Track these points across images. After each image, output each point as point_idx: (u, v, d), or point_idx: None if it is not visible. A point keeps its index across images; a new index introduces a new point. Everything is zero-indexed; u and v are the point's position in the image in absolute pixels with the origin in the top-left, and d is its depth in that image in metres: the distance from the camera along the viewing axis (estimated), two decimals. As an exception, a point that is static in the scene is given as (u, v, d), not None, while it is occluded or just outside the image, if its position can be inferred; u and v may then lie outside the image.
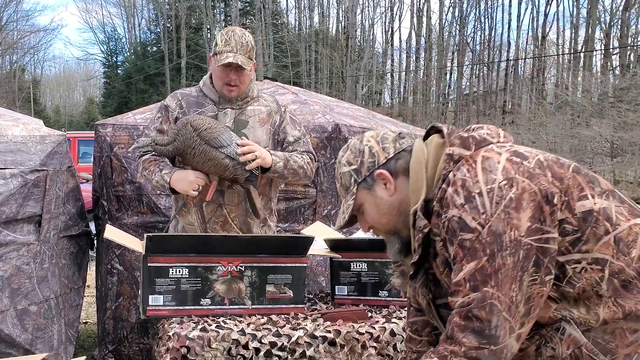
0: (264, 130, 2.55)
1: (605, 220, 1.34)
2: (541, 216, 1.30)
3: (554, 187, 1.32)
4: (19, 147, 2.73)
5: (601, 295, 1.33)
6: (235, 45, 2.43)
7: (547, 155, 1.41)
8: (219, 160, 2.35)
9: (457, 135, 1.43)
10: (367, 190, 1.49)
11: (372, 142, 1.51)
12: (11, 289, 2.72)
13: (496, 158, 1.35)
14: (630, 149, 18.57)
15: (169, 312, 2.19)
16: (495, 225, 1.28)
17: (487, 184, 1.31)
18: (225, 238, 2.34)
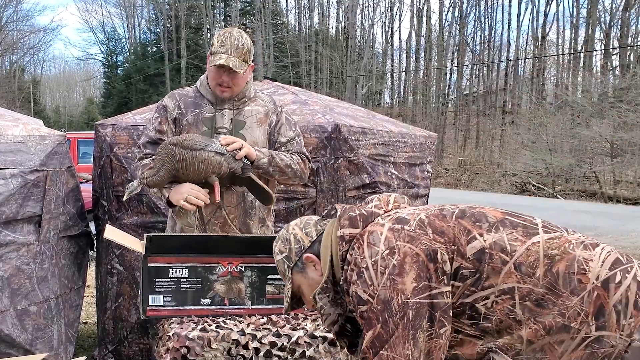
0: (261, 130, 2.55)
1: (500, 252, 1.41)
2: (427, 274, 1.40)
3: (436, 244, 1.43)
4: (18, 147, 2.73)
5: (519, 320, 1.40)
6: (230, 47, 2.42)
7: (430, 211, 1.51)
8: (211, 158, 2.34)
9: (347, 216, 1.56)
10: (300, 274, 1.64)
11: (296, 230, 1.66)
12: (11, 289, 2.72)
13: (379, 230, 1.48)
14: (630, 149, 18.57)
15: (169, 312, 2.19)
16: (383, 294, 1.40)
17: (372, 257, 1.44)
18: (225, 238, 2.34)
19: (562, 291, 1.39)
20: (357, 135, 3.29)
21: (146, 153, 2.52)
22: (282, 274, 1.68)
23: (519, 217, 1.51)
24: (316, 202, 3.19)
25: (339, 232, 1.54)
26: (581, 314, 1.38)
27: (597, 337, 1.38)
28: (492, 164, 24.53)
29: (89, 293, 4.58)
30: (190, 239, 2.32)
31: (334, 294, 1.59)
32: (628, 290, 1.39)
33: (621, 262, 1.44)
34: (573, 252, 1.43)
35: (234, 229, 2.51)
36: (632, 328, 1.38)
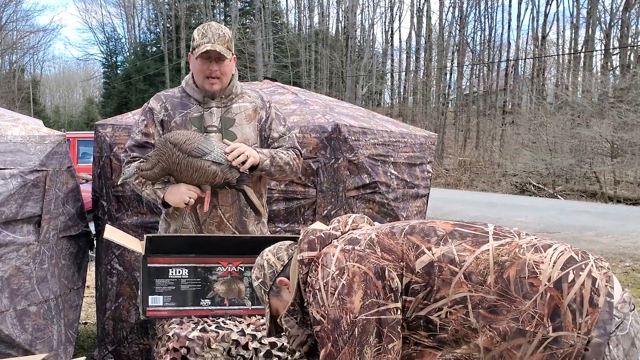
0: (251, 127, 2.54)
1: (449, 264, 1.45)
2: (375, 291, 1.45)
3: (384, 262, 1.48)
4: (18, 148, 2.73)
5: (475, 329, 1.42)
6: (212, 37, 2.42)
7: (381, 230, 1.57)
8: (206, 168, 2.33)
9: (306, 240, 1.62)
10: (276, 297, 1.70)
11: (269, 255, 1.73)
12: (11, 289, 2.71)
13: (332, 252, 1.54)
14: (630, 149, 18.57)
15: (169, 313, 2.19)
16: (333, 314, 1.46)
17: (324, 278, 1.50)
18: (225, 239, 2.34)
19: (515, 296, 1.41)
20: (357, 135, 3.28)
21: (134, 156, 2.49)
22: (261, 299, 1.74)
23: (470, 227, 1.54)
24: (316, 202, 3.18)
25: (298, 257, 1.60)
26: (535, 317, 1.39)
27: (555, 338, 1.39)
28: (492, 164, 24.53)
29: (89, 293, 4.58)
30: (190, 239, 2.32)
31: (302, 316, 1.64)
32: (582, 288, 1.40)
33: (575, 260, 1.45)
34: (523, 257, 1.44)
35: (230, 228, 2.50)
36: (589, 325, 1.39)
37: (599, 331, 1.38)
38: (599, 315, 1.39)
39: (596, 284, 1.42)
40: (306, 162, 3.15)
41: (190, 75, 2.57)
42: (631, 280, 6.58)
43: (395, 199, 3.49)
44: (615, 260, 7.78)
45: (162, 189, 2.42)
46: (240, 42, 33.38)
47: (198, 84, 2.51)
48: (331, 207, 3.21)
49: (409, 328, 1.48)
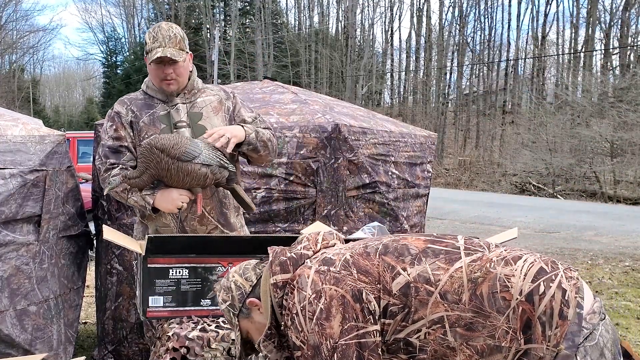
0: (219, 117, 2.53)
1: (425, 284, 1.43)
2: (353, 315, 1.43)
3: (361, 284, 1.46)
4: (18, 147, 2.73)
5: (453, 347, 1.41)
6: (163, 40, 2.40)
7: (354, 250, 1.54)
8: (197, 171, 2.31)
9: (278, 261, 1.58)
10: (247, 319, 1.66)
11: (236, 277, 1.69)
12: (10, 289, 2.71)
13: (306, 273, 1.51)
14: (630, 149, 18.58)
15: (169, 313, 2.18)
16: (312, 339, 1.44)
17: (301, 302, 1.48)
18: (225, 238, 2.33)
19: (489, 311, 1.40)
20: (357, 135, 3.28)
21: (111, 163, 2.45)
22: (230, 323, 1.70)
23: (441, 242, 1.52)
24: (316, 202, 3.18)
25: (271, 280, 1.57)
26: (509, 331, 1.39)
27: (525, 350, 1.39)
28: (492, 163, 24.53)
29: (89, 293, 4.58)
30: (190, 239, 2.32)
31: (279, 338, 1.61)
32: (552, 300, 1.40)
33: (545, 271, 1.44)
34: (494, 271, 1.43)
35: (212, 222, 2.49)
36: (558, 338, 1.38)
37: (567, 343, 1.38)
38: (567, 328, 1.39)
39: (566, 295, 1.41)
40: (306, 162, 3.15)
41: (149, 78, 2.56)
42: (631, 280, 6.58)
43: (395, 199, 3.49)
44: (615, 260, 7.78)
45: (151, 194, 2.38)
46: (240, 42, 33.40)
47: (156, 86, 2.50)
48: (331, 206, 3.20)
49: (389, 351, 1.47)
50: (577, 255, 8.18)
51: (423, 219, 3.91)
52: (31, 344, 2.79)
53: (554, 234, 9.93)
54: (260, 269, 1.68)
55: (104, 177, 2.46)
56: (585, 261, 7.70)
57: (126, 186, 2.39)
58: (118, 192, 2.44)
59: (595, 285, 6.35)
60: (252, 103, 3.39)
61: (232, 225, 2.54)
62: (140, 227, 2.57)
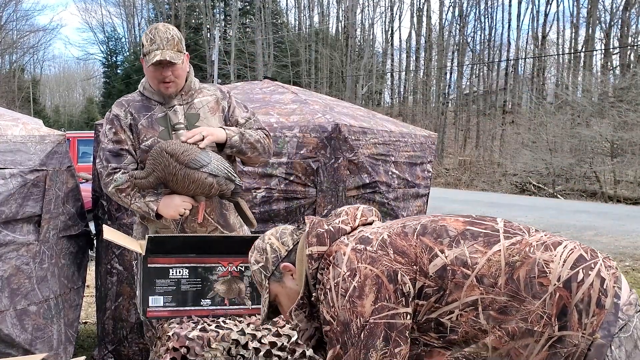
0: (216, 118, 2.53)
1: (462, 267, 1.43)
2: (385, 295, 1.43)
3: (397, 265, 1.45)
4: (18, 147, 2.73)
5: (485, 330, 1.42)
6: (161, 42, 2.38)
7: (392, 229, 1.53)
8: (203, 180, 2.32)
9: (315, 233, 1.58)
10: (278, 283, 1.66)
11: (272, 239, 1.68)
12: (10, 289, 2.71)
13: (343, 250, 1.50)
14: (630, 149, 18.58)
15: (169, 313, 2.19)
16: (342, 316, 1.44)
17: (335, 278, 1.47)
18: (225, 238, 2.34)
19: (524, 296, 1.40)
20: (357, 135, 3.28)
21: (113, 168, 2.44)
22: (259, 284, 1.69)
23: (480, 224, 1.52)
24: (316, 202, 3.18)
25: (307, 251, 1.57)
26: (544, 316, 1.39)
27: (560, 337, 1.39)
28: (492, 163, 24.54)
29: (89, 293, 4.58)
30: (190, 239, 2.32)
31: (310, 308, 1.61)
32: (591, 288, 1.39)
33: (584, 259, 1.44)
34: (533, 256, 1.43)
35: (212, 223, 2.49)
36: (595, 326, 1.38)
37: (603, 332, 1.38)
38: (604, 317, 1.39)
39: (604, 284, 1.41)
40: (306, 162, 3.15)
41: (146, 79, 2.54)
42: (631, 280, 6.58)
43: (395, 199, 3.49)
44: (615, 260, 7.79)
45: (155, 201, 2.39)
46: (240, 42, 33.40)
47: (154, 88, 2.49)
48: (331, 206, 3.20)
49: (420, 330, 1.48)
50: (577, 255, 8.16)
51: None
52: (31, 344, 2.79)
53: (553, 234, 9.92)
54: (298, 235, 1.67)
55: (106, 182, 2.46)
56: (585, 261, 7.69)
57: (131, 184, 2.39)
58: (121, 197, 2.44)
59: (595, 285, 6.35)
60: (252, 103, 3.39)
61: (232, 226, 2.54)
62: (140, 228, 2.57)
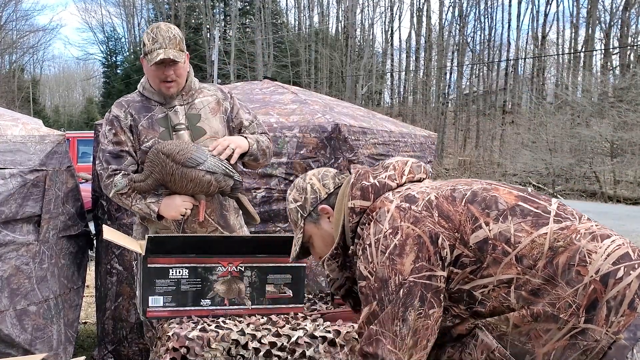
0: (217, 119, 2.52)
1: (504, 243, 1.40)
2: (426, 255, 1.41)
3: (439, 228, 1.42)
4: (18, 147, 2.73)
5: (513, 308, 1.40)
6: (163, 41, 2.38)
7: (440, 191, 1.49)
8: (201, 178, 2.32)
9: (359, 186, 1.55)
10: (313, 224, 1.64)
11: (313, 180, 1.65)
12: (10, 289, 2.71)
13: (386, 207, 1.47)
14: (630, 149, 18.59)
15: (169, 314, 2.18)
16: (381, 272, 1.42)
17: (376, 234, 1.45)
18: (225, 238, 2.33)
19: (559, 282, 1.38)
20: (357, 135, 3.28)
21: (113, 170, 2.43)
22: (294, 223, 1.66)
23: (533, 202, 1.47)
24: (316, 202, 3.18)
25: (349, 204, 1.53)
26: (572, 306, 1.36)
27: (583, 329, 1.36)
28: (492, 163, 24.55)
29: (89, 293, 4.58)
30: (190, 239, 2.32)
31: (343, 258, 1.58)
32: (627, 288, 1.36)
33: (629, 257, 1.40)
34: (578, 243, 1.39)
35: (212, 223, 2.49)
36: (621, 326, 1.35)
37: (628, 334, 1.35)
38: (633, 319, 1.35)
39: None
40: (306, 162, 3.15)
41: (146, 79, 2.53)
42: (631, 280, 6.57)
43: (395, 199, 3.49)
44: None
45: (156, 202, 2.39)
46: (240, 42, 33.41)
47: (155, 88, 2.48)
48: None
49: (450, 299, 1.45)
50: (577, 255, 8.17)
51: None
52: (31, 344, 2.79)
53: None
54: (340, 179, 1.65)
55: (106, 184, 2.46)
56: (585, 261, 7.70)
57: (131, 188, 2.39)
58: (122, 199, 2.44)
59: (595, 285, 6.35)
60: (252, 103, 3.39)
61: (232, 227, 2.54)
62: (140, 229, 2.57)
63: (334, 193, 1.62)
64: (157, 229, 2.49)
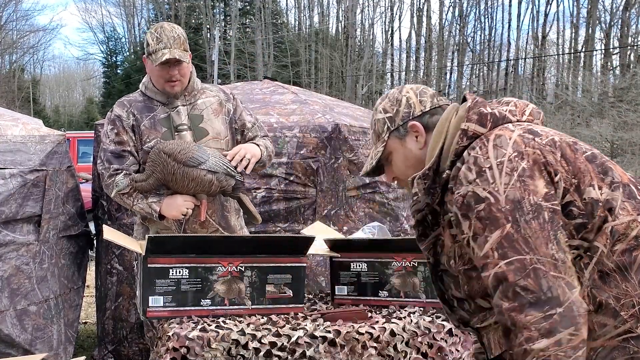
0: (220, 120, 2.52)
1: (607, 211, 1.30)
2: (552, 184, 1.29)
3: (559, 167, 1.31)
4: (18, 147, 2.73)
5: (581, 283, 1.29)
6: (167, 41, 2.38)
7: (563, 137, 1.38)
8: (202, 177, 2.33)
9: (477, 110, 1.42)
10: (398, 140, 1.51)
11: (410, 94, 1.52)
12: (10, 289, 2.71)
13: (508, 135, 1.34)
14: (630, 149, 18.59)
15: (169, 313, 2.19)
16: (512, 194, 1.26)
17: (497, 158, 1.30)
18: (225, 238, 2.34)
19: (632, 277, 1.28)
20: (357, 135, 3.28)
21: (116, 169, 2.43)
22: (377, 135, 1.53)
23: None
24: (316, 202, 3.18)
25: (463, 125, 1.40)
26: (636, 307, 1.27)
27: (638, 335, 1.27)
28: (492, 163, 24.51)
29: (89, 293, 4.58)
30: (190, 239, 2.32)
31: (431, 183, 1.45)
32: None
33: None
34: None
35: (213, 224, 2.50)
36: None
37: None
38: None
39: None
40: (306, 162, 3.15)
41: (148, 79, 2.53)
42: (631, 280, 6.57)
43: (395, 199, 3.49)
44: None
45: (158, 202, 2.39)
46: (240, 42, 33.41)
47: (158, 87, 2.48)
48: (331, 206, 3.21)
49: None
50: (577, 255, 8.16)
51: None
52: (31, 344, 2.79)
53: (554, 234, 9.92)
54: (437, 100, 1.52)
55: (108, 183, 2.45)
56: (585, 261, 7.69)
57: (132, 188, 2.38)
58: (123, 199, 2.44)
59: (595, 285, 6.34)
60: (252, 104, 3.39)
61: (233, 228, 2.55)
62: (141, 229, 2.57)
63: (430, 113, 1.49)
64: (158, 229, 2.49)
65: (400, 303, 2.39)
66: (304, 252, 2.31)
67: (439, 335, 2.18)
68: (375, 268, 2.43)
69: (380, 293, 2.43)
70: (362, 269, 2.45)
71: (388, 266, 2.40)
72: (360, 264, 2.45)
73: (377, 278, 2.43)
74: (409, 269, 2.39)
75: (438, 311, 2.33)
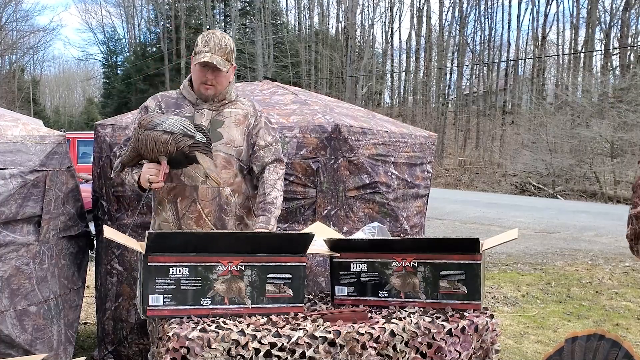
0: (239, 130, 2.60)
1: None
2: None
3: None
4: (18, 148, 2.73)
5: None
6: (213, 47, 2.50)
7: None
8: (157, 137, 2.40)
9: None
10: None
11: None
12: (10, 289, 2.71)
13: None
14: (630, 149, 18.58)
15: (169, 312, 2.19)
16: None
17: None
18: (225, 235, 2.33)
19: None
20: (357, 136, 3.28)
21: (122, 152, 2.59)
22: None
23: None
24: (316, 203, 3.18)
25: None
26: None
27: None
28: (492, 164, 24.55)
29: (89, 293, 4.58)
30: (191, 236, 2.32)
31: None
32: None
33: None
34: None
35: (208, 224, 2.55)
36: None
37: None
38: None
39: None
40: (306, 162, 3.15)
41: (187, 79, 2.66)
42: (631, 281, 6.58)
43: (395, 199, 3.49)
44: (615, 260, 7.78)
45: (138, 172, 2.51)
46: (240, 42, 33.39)
47: (195, 86, 2.60)
48: (331, 207, 3.21)
49: None
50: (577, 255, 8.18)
51: (423, 219, 3.91)
52: (31, 344, 2.79)
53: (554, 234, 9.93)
54: None
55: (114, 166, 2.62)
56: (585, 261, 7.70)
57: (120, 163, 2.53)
58: (120, 176, 2.59)
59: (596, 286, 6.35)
60: (252, 103, 3.39)
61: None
62: (152, 221, 2.70)
63: None
64: (160, 222, 2.60)
65: (400, 303, 2.39)
66: (303, 251, 2.31)
67: (438, 335, 2.18)
68: (375, 268, 2.43)
69: (380, 293, 2.43)
70: (362, 270, 2.45)
71: (388, 266, 2.41)
72: (360, 264, 2.45)
73: (377, 278, 2.43)
74: (409, 269, 2.39)
75: (438, 311, 2.33)
